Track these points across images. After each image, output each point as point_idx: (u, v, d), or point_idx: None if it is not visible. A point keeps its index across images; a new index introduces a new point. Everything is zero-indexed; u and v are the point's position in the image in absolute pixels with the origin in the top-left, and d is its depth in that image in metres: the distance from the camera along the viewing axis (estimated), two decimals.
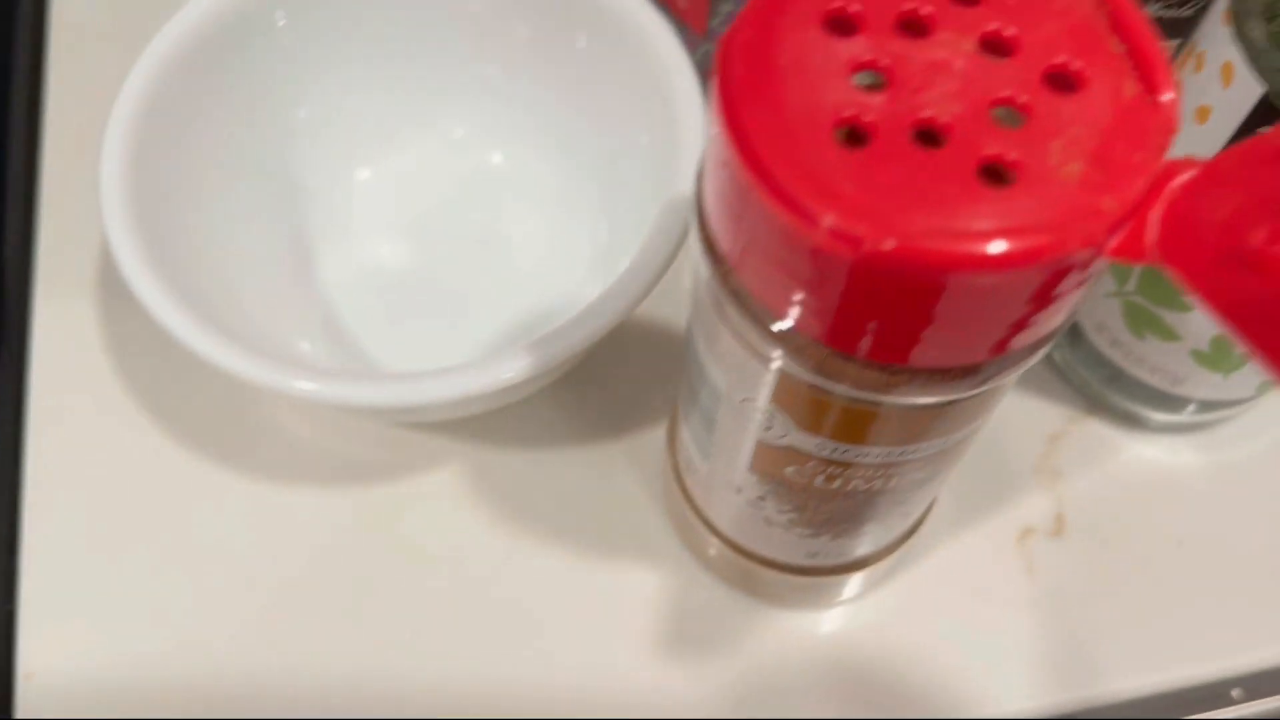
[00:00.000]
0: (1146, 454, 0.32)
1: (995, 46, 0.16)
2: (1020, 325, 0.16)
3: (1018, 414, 0.32)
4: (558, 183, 0.33)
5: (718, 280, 0.18)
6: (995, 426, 0.32)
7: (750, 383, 0.20)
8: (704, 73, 0.28)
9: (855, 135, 0.16)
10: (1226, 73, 0.22)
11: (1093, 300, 0.30)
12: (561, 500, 0.31)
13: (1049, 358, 0.33)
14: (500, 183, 0.34)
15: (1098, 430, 0.32)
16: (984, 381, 0.18)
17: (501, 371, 0.24)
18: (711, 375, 0.21)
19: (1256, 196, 0.14)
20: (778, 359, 0.18)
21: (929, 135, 0.15)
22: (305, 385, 0.24)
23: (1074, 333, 0.31)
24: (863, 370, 0.17)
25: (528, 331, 0.31)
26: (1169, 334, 0.28)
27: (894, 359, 0.17)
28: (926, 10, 0.16)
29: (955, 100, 0.16)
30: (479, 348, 0.31)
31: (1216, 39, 0.23)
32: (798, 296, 0.16)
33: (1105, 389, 0.32)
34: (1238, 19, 0.22)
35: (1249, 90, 0.22)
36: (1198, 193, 0.15)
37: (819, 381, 0.18)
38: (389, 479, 0.31)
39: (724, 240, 0.17)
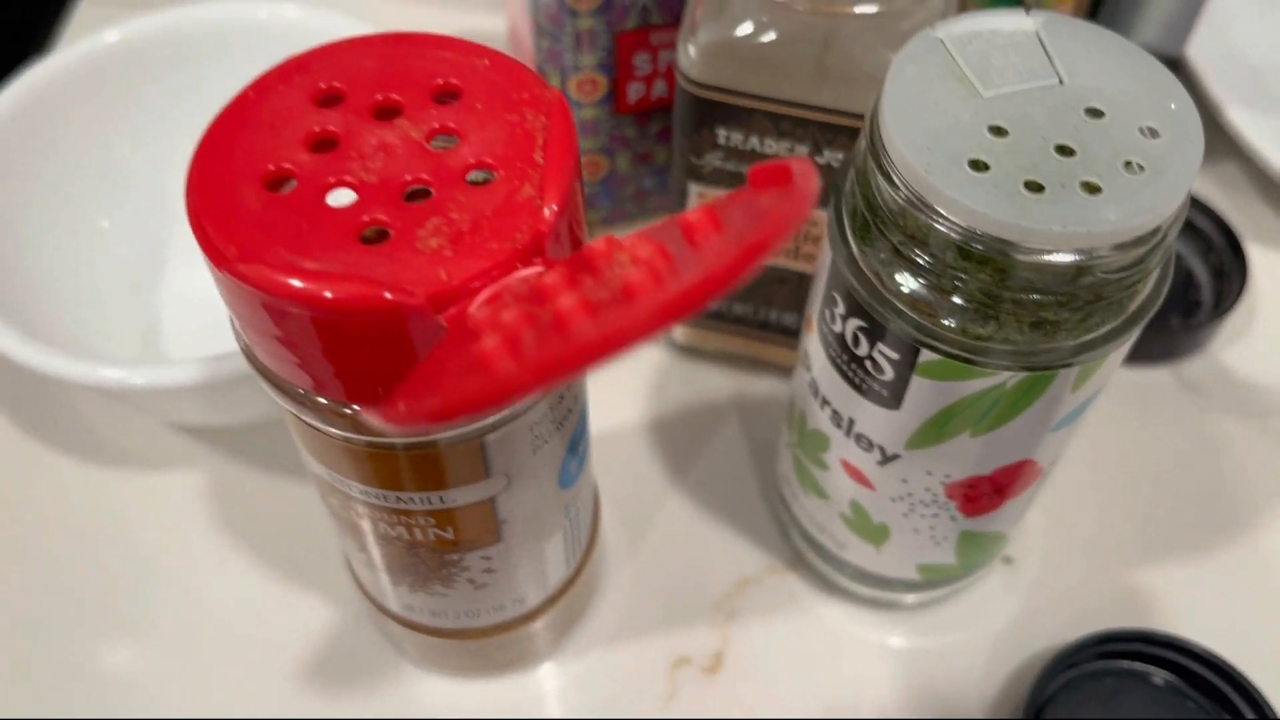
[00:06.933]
0: (832, 620, 0.32)
1: (442, 139, 0.19)
2: (380, 369, 0.18)
3: (719, 550, 0.33)
4: None
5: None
6: (690, 557, 0.33)
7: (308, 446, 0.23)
8: None
9: (283, 183, 0.18)
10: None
11: (779, 450, 0.31)
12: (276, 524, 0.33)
13: (778, 504, 0.33)
14: None
15: (793, 586, 0.33)
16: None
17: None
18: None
19: None
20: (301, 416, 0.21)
21: (345, 194, 0.18)
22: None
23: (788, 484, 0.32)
24: (334, 410, 0.20)
25: None
26: (819, 491, 0.29)
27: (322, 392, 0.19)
28: (401, 100, 0.19)
29: (379, 173, 0.18)
30: None
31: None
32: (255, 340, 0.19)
33: (803, 545, 0.32)
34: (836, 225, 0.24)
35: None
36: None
37: (320, 425, 0.21)
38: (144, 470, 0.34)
39: None
